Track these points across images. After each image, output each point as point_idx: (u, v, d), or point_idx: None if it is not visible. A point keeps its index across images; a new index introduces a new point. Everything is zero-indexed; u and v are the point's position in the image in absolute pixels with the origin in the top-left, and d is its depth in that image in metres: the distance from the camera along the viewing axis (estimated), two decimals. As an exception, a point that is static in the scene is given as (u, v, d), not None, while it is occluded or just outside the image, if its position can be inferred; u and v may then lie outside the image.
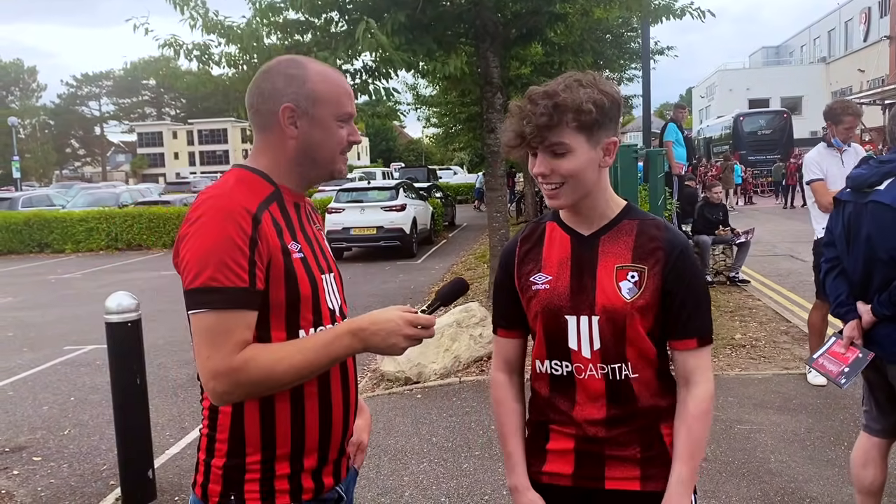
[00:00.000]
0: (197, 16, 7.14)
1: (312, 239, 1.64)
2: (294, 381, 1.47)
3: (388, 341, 1.50)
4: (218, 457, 1.53)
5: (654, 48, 17.33)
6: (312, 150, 1.59)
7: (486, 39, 8.36)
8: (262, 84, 1.59)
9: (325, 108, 1.58)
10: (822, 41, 49.09)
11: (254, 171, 1.58)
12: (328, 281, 1.63)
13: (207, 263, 1.40)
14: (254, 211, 1.46)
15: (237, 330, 1.41)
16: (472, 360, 6.25)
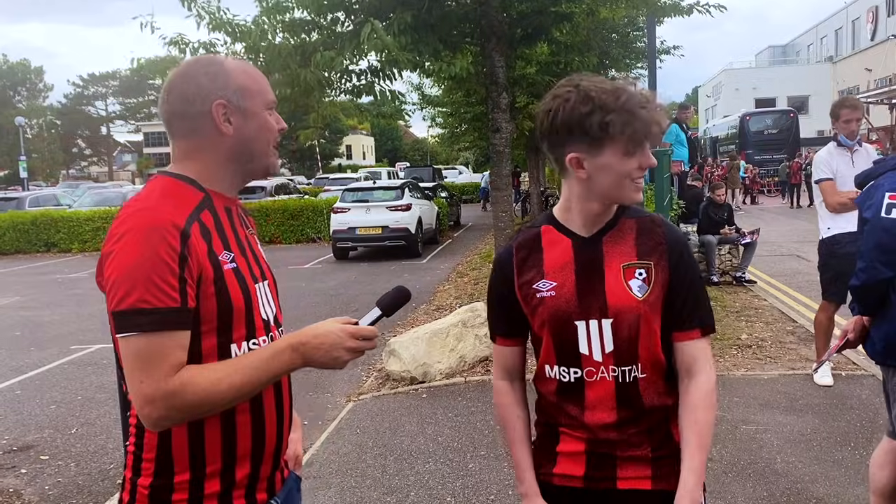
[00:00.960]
0: (203, 13, 7.15)
1: (245, 245, 1.58)
2: (234, 401, 1.41)
3: (330, 355, 1.46)
4: (145, 476, 1.46)
5: (660, 47, 17.28)
6: (249, 145, 1.55)
7: (491, 39, 8.36)
8: (183, 87, 1.51)
9: (255, 99, 1.54)
10: (829, 40, 48.93)
11: (181, 177, 1.51)
12: (262, 289, 1.57)
13: (136, 283, 1.32)
14: (182, 225, 1.39)
15: (171, 352, 1.35)
16: (478, 360, 6.25)
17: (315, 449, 4.72)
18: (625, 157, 1.58)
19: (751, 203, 25.58)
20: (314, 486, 4.13)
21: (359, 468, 4.36)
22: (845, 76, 43.30)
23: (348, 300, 10.16)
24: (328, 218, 16.13)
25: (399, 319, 8.64)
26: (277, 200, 19.99)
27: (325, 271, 13.56)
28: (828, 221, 5.18)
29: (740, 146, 31.70)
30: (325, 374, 6.56)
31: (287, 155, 62.83)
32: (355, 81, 8.12)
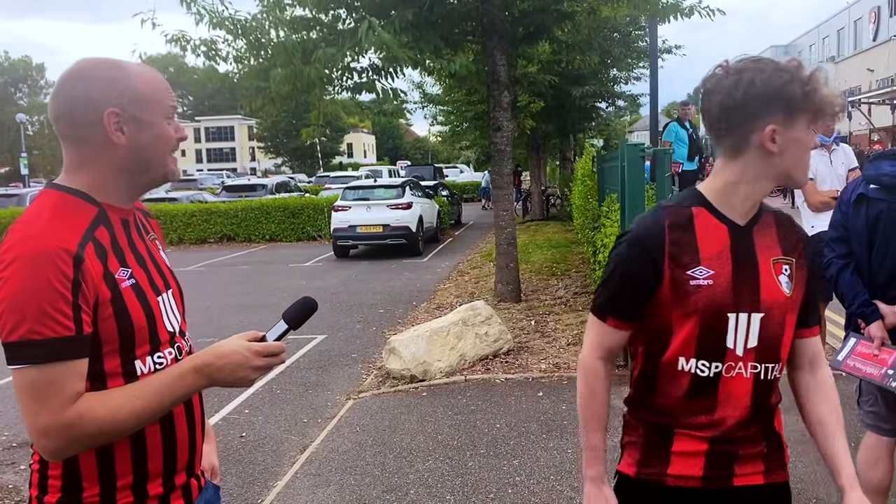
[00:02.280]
0: (203, 11, 7.15)
1: (145, 255, 1.51)
2: (136, 427, 1.37)
3: (235, 375, 1.41)
4: (51, 493, 1.42)
5: (661, 47, 17.25)
6: (143, 155, 1.46)
7: (493, 37, 8.35)
8: (75, 90, 1.42)
9: (153, 108, 1.45)
10: (830, 40, 48.89)
11: (72, 191, 1.42)
12: (165, 301, 1.51)
13: (25, 314, 1.26)
14: (74, 250, 1.31)
15: (67, 382, 1.29)
16: (478, 359, 6.24)
17: (315, 447, 4.72)
18: (807, 132, 1.55)
19: None
20: (314, 484, 4.13)
21: (358, 466, 4.35)
22: (847, 76, 43.26)
23: (349, 298, 10.15)
24: (329, 216, 16.13)
25: (400, 318, 8.63)
26: (278, 198, 19.99)
27: (325, 269, 13.56)
28: (811, 220, 5.34)
29: (742, 146, 31.67)
30: (325, 372, 6.55)
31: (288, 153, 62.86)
32: (356, 79, 8.12)
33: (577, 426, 1.84)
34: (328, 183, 29.13)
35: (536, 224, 19.75)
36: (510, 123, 8.78)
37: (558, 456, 4.32)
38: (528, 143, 21.58)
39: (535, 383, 5.69)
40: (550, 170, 31.10)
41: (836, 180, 5.27)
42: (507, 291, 8.85)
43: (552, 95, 15.94)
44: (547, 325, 7.53)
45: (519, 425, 4.83)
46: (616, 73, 18.97)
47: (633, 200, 5.68)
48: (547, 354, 6.45)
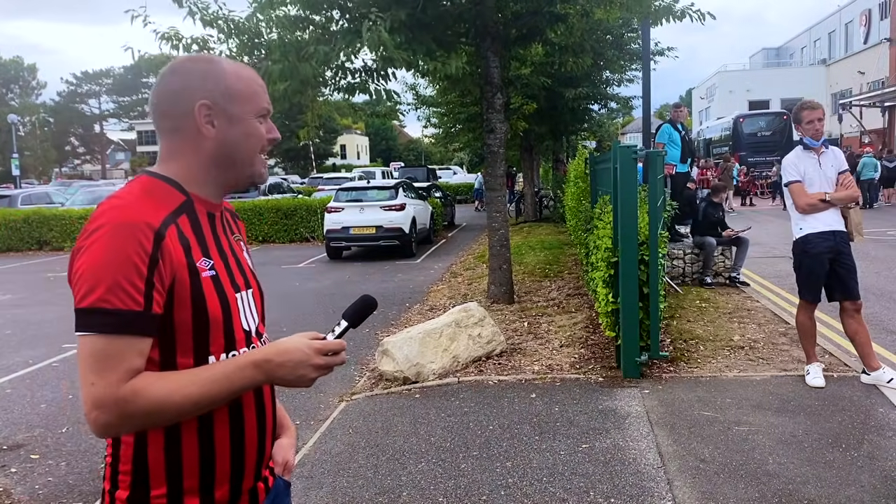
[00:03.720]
0: (196, 9, 7.13)
1: (228, 252, 1.52)
2: (189, 413, 1.36)
3: (295, 373, 1.39)
4: (122, 488, 1.42)
5: (654, 49, 17.30)
6: (231, 151, 1.48)
7: (486, 39, 8.36)
8: (171, 83, 1.46)
9: (244, 105, 1.48)
10: (822, 43, 49.10)
11: (163, 178, 1.45)
12: (244, 299, 1.51)
13: (99, 282, 1.28)
14: (157, 226, 1.33)
15: (127, 357, 1.29)
16: (471, 361, 6.24)
17: (307, 449, 4.71)
18: None
19: (749, 204, 25.59)
20: (306, 487, 4.12)
21: (351, 468, 4.35)
22: (838, 79, 43.47)
23: (342, 300, 10.13)
24: (322, 217, 16.11)
25: (392, 319, 8.63)
26: (271, 200, 19.95)
27: (318, 271, 13.53)
28: (799, 222, 5.40)
29: (734, 148, 31.80)
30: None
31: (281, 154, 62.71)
32: (350, 79, 8.12)
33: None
34: (321, 184, 29.11)
35: (529, 226, 19.77)
36: (503, 125, 8.79)
37: (551, 458, 4.32)
38: (521, 145, 21.60)
39: (528, 385, 5.69)
40: (543, 171, 31.12)
41: (825, 183, 5.30)
42: (500, 293, 8.86)
43: (545, 97, 15.98)
44: (540, 327, 7.54)
45: (512, 427, 4.83)
46: (609, 76, 19.01)
47: (625, 202, 5.70)
48: (540, 356, 6.46)
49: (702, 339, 6.83)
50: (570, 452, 4.39)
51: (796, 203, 5.30)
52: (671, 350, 6.37)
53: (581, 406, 5.12)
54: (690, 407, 5.05)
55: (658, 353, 5.90)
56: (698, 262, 9.87)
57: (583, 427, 4.75)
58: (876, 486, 3.78)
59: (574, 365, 6.16)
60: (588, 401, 5.23)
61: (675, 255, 9.83)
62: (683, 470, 4.09)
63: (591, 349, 6.59)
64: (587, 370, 5.99)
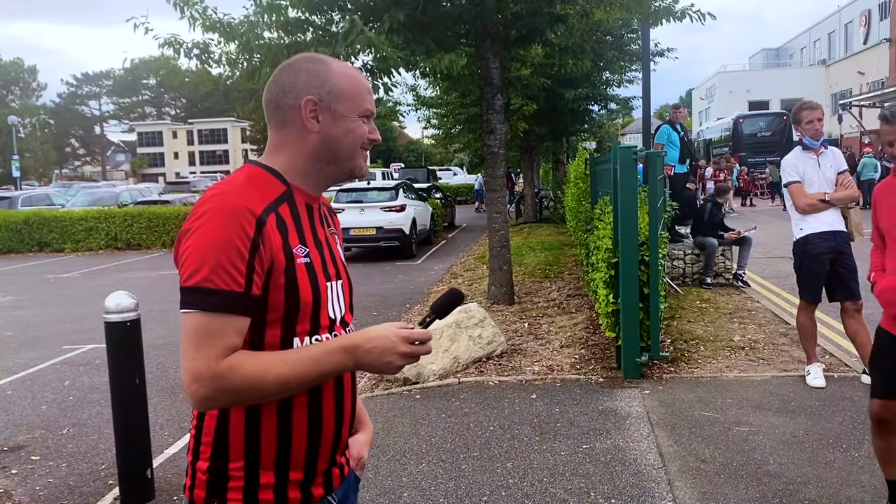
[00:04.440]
0: (197, 15, 7.15)
1: (323, 243, 1.59)
2: (279, 393, 1.42)
3: (382, 359, 1.44)
4: (202, 459, 1.49)
5: (654, 50, 17.33)
6: (333, 146, 1.56)
7: (486, 40, 8.37)
8: (284, 78, 1.56)
9: (348, 103, 1.56)
10: (822, 43, 49.12)
11: (267, 168, 1.55)
12: (334, 289, 1.58)
13: (204, 262, 1.36)
14: (259, 213, 1.41)
15: (226, 334, 1.37)
16: (471, 361, 6.25)
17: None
18: None
19: (749, 205, 25.59)
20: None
21: (352, 469, 4.34)
22: (838, 79, 43.49)
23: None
24: (322, 218, 16.08)
25: (393, 320, 8.61)
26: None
27: (318, 272, 13.53)
28: (799, 223, 5.38)
29: (734, 148, 31.81)
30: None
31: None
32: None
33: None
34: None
35: (530, 226, 19.77)
36: (503, 126, 8.80)
37: (552, 458, 4.32)
38: (522, 146, 21.61)
39: (529, 386, 5.69)
40: (543, 172, 31.13)
41: (824, 183, 5.30)
42: (500, 294, 8.86)
43: (545, 98, 15.98)
44: (540, 328, 7.54)
45: (512, 428, 4.83)
46: (608, 76, 19.02)
47: (625, 203, 5.70)
48: (540, 357, 6.46)
49: (702, 339, 6.83)
50: (571, 453, 4.39)
51: (796, 203, 5.30)
52: (671, 350, 6.37)
53: (581, 407, 5.12)
54: (691, 407, 5.05)
55: (658, 354, 5.90)
56: (698, 263, 9.87)
57: (583, 428, 4.75)
58: (877, 486, 3.78)
59: (574, 365, 6.16)
60: (588, 401, 5.23)
61: (675, 256, 9.83)
62: (684, 470, 4.09)
63: (591, 350, 6.59)
64: (588, 371, 5.99)
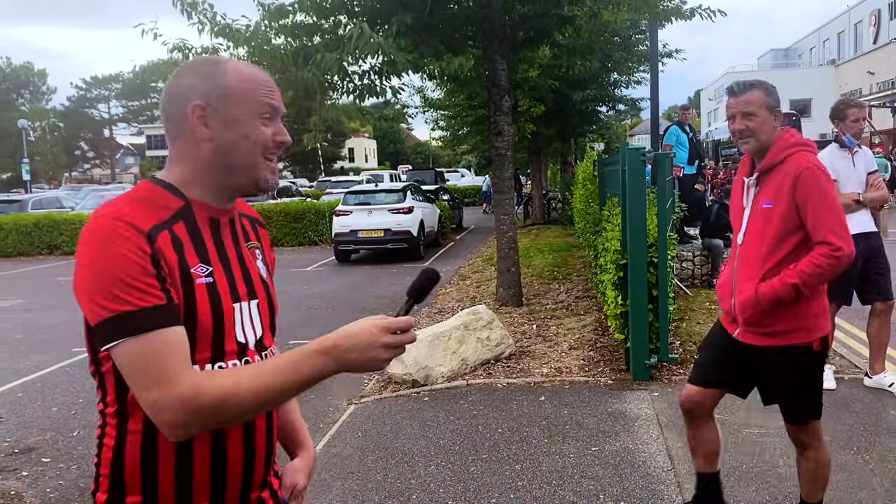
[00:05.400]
0: (205, 20, 7.18)
1: (233, 260, 1.45)
2: (257, 408, 1.30)
3: (366, 355, 1.32)
4: (101, 491, 1.39)
5: (662, 51, 17.27)
6: (228, 154, 1.41)
7: (493, 42, 8.36)
8: (171, 85, 1.43)
9: (242, 105, 1.40)
10: (831, 43, 48.90)
11: (162, 184, 1.41)
12: (244, 310, 1.44)
13: (111, 290, 1.23)
14: (146, 229, 1.29)
15: (171, 349, 1.25)
16: (480, 363, 6.24)
17: (316, 452, 4.71)
18: None
19: None
20: (316, 490, 4.12)
21: (360, 471, 4.35)
22: (848, 79, 43.27)
23: (351, 303, 10.15)
24: (330, 221, 16.14)
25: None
26: (280, 203, 20.01)
27: (327, 274, 13.56)
28: None
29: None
30: (326, 377, 6.54)
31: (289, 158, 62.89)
32: (357, 82, 8.14)
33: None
34: (329, 188, 29.12)
35: (538, 228, 19.74)
36: (511, 128, 8.79)
37: (560, 461, 4.31)
38: (529, 147, 21.59)
39: (537, 388, 5.68)
40: (551, 173, 31.09)
41: (857, 183, 5.12)
42: (508, 296, 8.85)
43: (553, 99, 15.97)
44: (549, 330, 7.52)
45: (521, 430, 4.83)
46: (617, 77, 18.99)
47: (634, 204, 5.68)
48: (549, 359, 6.45)
49: (711, 341, 6.80)
50: (580, 455, 4.37)
51: None
52: (680, 352, 6.34)
53: (590, 409, 5.11)
54: (700, 409, 5.03)
55: (667, 356, 5.88)
56: (707, 264, 9.84)
57: (592, 430, 4.74)
58: (888, 488, 3.76)
59: (583, 367, 6.15)
60: (597, 403, 5.22)
61: (684, 257, 9.80)
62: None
63: (600, 352, 6.57)
64: (596, 373, 5.97)
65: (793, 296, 2.80)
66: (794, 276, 2.77)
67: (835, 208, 2.81)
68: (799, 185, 2.77)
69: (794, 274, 2.78)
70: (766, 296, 2.82)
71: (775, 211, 2.83)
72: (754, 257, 2.91)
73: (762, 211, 2.89)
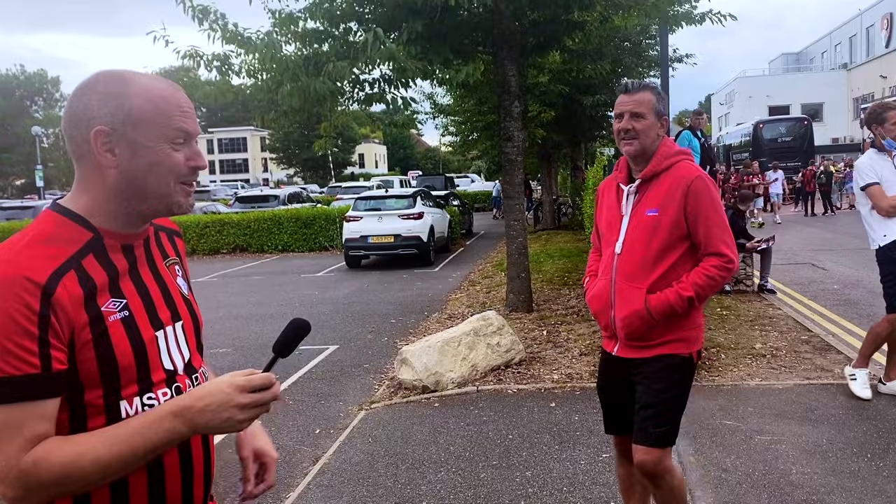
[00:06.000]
0: (216, 27, 7.23)
1: (151, 284, 1.38)
2: (103, 479, 1.22)
3: (219, 416, 1.24)
4: None
5: (673, 55, 17.26)
6: (138, 182, 1.31)
7: (503, 48, 8.38)
8: (75, 105, 1.30)
9: (150, 130, 1.30)
10: (843, 47, 48.69)
11: (69, 214, 1.31)
12: (168, 335, 1.37)
13: None
14: (43, 281, 1.18)
15: (26, 424, 1.17)
16: (490, 369, 6.23)
17: (327, 458, 4.72)
18: None
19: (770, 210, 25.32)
20: (326, 496, 4.13)
21: (370, 477, 4.35)
22: (860, 83, 43.05)
23: (361, 308, 10.16)
24: (341, 226, 16.19)
25: (411, 328, 8.63)
26: (290, 209, 20.09)
27: (337, 280, 13.59)
28: (882, 228, 4.94)
29: (754, 154, 31.59)
30: (337, 383, 6.56)
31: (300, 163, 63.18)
32: (367, 90, 8.17)
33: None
34: (340, 193, 29.25)
35: (548, 233, 19.72)
36: (521, 133, 8.79)
37: (571, 467, 4.30)
38: (539, 153, 21.59)
39: (548, 394, 5.67)
40: (562, 179, 31.07)
41: None
42: (518, 301, 8.84)
43: (563, 105, 15.96)
44: (559, 336, 7.51)
45: (531, 436, 4.81)
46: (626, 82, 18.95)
47: (644, 210, 5.66)
48: (559, 365, 6.43)
49: (723, 347, 6.76)
50: (591, 462, 4.36)
51: (878, 205, 4.87)
52: (692, 358, 6.31)
53: (601, 415, 5.08)
54: (712, 416, 5.00)
55: (679, 362, 5.84)
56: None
57: (603, 436, 4.71)
58: (903, 496, 3.72)
59: (594, 374, 6.13)
60: (608, 410, 5.19)
61: (695, 263, 9.75)
62: (705, 480, 4.05)
63: (610, 357, 6.54)
64: (607, 379, 5.95)
65: (686, 308, 2.71)
66: (690, 289, 2.68)
67: (724, 219, 2.75)
68: (690, 194, 2.68)
69: (689, 286, 2.69)
70: (658, 308, 2.71)
71: (662, 220, 2.72)
72: (637, 268, 2.77)
73: (646, 219, 2.76)
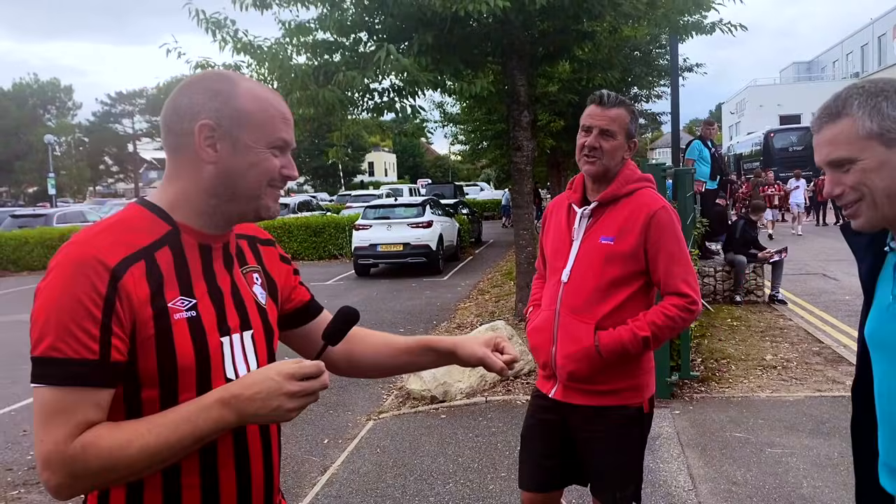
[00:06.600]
0: (228, 38, 7.28)
1: (226, 289, 1.34)
2: (151, 467, 1.18)
3: (269, 405, 1.19)
4: None
5: (683, 65, 17.25)
6: (233, 180, 1.30)
7: (513, 58, 8.39)
8: (179, 99, 1.31)
9: (255, 132, 1.30)
10: (854, 56, 48.51)
11: (151, 207, 1.31)
12: (235, 342, 1.33)
13: (49, 328, 1.14)
14: (112, 264, 1.18)
15: (80, 411, 1.14)
16: (499, 380, 6.21)
17: (335, 468, 4.72)
18: None
19: (782, 220, 25.19)
20: (334, 506, 4.12)
21: (379, 488, 4.34)
22: (871, 92, 42.82)
23: (370, 317, 10.16)
24: (350, 235, 16.22)
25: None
26: (300, 217, 20.15)
27: (347, 288, 13.61)
28: None
29: (765, 163, 31.48)
30: (345, 392, 6.55)
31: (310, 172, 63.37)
32: (377, 100, 8.20)
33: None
34: (349, 202, 29.32)
35: (557, 242, 19.64)
36: (530, 143, 8.79)
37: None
38: (549, 162, 21.58)
39: (557, 404, 5.64)
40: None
41: None
42: (527, 311, 8.81)
43: (572, 114, 15.93)
44: (568, 346, 7.47)
45: (540, 447, 4.79)
46: (637, 92, 18.96)
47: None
48: (568, 375, 6.40)
49: (733, 358, 6.72)
50: (600, 474, 4.33)
51: None
52: (702, 370, 6.28)
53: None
54: (722, 428, 4.97)
55: (689, 373, 5.82)
56: (729, 280, 9.75)
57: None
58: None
59: (603, 384, 6.10)
60: (617, 421, 5.17)
61: (705, 273, 9.72)
62: (715, 493, 4.02)
63: (620, 368, 6.51)
64: (616, 390, 5.92)
65: (640, 350, 2.40)
66: (646, 328, 2.38)
67: (688, 256, 2.50)
68: (653, 226, 2.42)
69: (646, 325, 2.39)
70: (609, 347, 2.40)
71: (618, 249, 2.43)
72: (583, 300, 2.47)
73: (599, 247, 2.46)
